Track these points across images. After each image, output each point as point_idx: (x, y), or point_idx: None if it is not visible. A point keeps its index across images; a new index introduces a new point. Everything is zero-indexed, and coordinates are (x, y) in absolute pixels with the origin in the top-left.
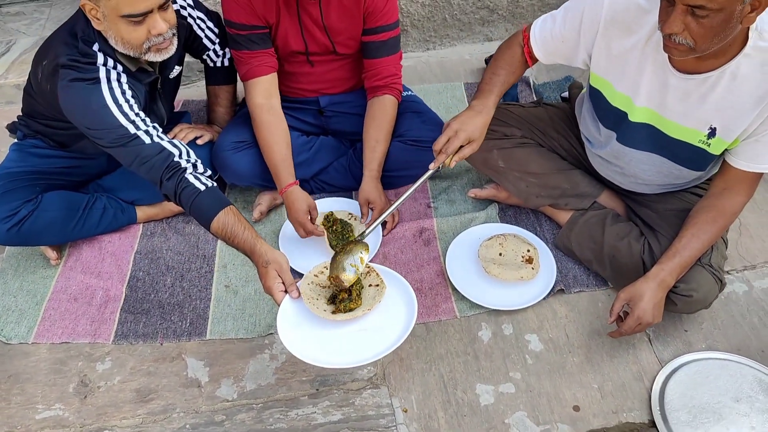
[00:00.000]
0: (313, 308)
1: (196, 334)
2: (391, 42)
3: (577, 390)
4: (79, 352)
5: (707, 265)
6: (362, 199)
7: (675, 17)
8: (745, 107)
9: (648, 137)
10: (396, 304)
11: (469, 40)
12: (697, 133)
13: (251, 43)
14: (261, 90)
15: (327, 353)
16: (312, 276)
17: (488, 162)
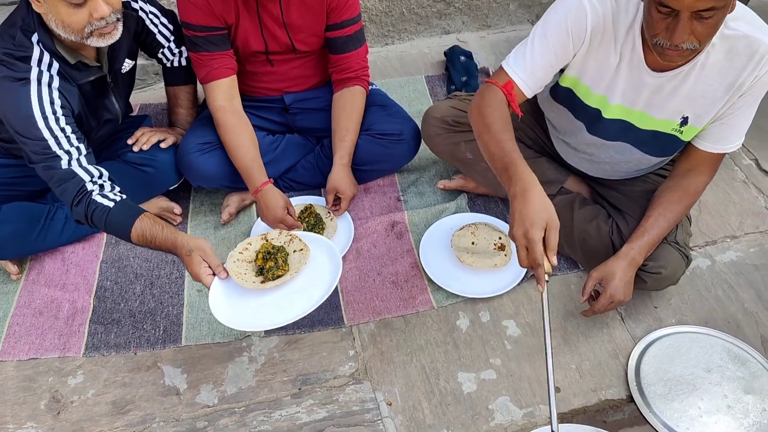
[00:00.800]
0: (243, 282)
1: (171, 341)
2: (357, 35)
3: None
4: (49, 368)
5: (673, 243)
6: (330, 187)
7: (683, 27)
8: (715, 95)
9: (620, 130)
10: (322, 264)
11: (426, 33)
12: (670, 123)
13: (210, 44)
14: (221, 93)
15: (261, 318)
16: (237, 254)
17: (456, 155)
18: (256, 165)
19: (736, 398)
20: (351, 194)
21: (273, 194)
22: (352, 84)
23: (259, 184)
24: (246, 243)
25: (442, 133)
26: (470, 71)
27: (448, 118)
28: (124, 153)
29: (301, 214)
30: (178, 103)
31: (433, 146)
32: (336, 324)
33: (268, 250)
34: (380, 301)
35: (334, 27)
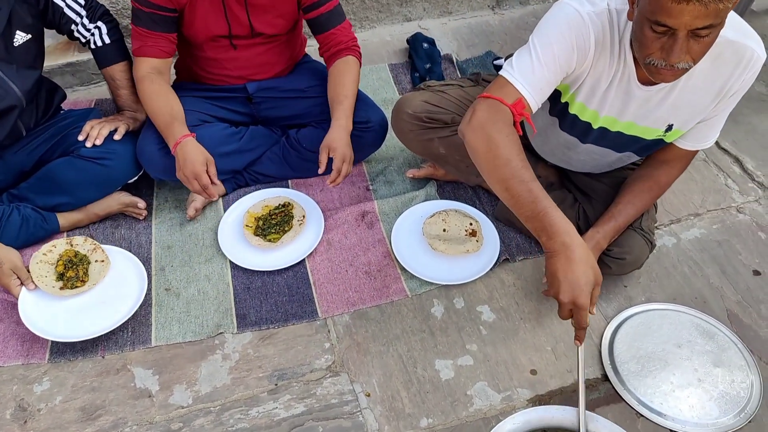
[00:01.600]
0: (41, 285)
1: (140, 343)
2: (337, 9)
3: (533, 354)
4: (12, 376)
5: (639, 229)
6: (323, 144)
7: (680, 46)
8: (703, 102)
9: (606, 137)
10: (130, 279)
11: (388, 21)
12: (656, 131)
13: (152, 23)
14: (147, 66)
15: (69, 328)
16: (41, 255)
17: (429, 150)
18: (176, 120)
19: (706, 371)
20: (343, 153)
21: (194, 146)
22: (344, 55)
23: (180, 136)
24: (51, 245)
25: (414, 130)
26: (434, 58)
27: (422, 115)
28: (78, 148)
29: (275, 208)
30: (118, 85)
31: (404, 141)
32: (310, 317)
33: (71, 258)
34: (354, 292)
35: (312, 6)
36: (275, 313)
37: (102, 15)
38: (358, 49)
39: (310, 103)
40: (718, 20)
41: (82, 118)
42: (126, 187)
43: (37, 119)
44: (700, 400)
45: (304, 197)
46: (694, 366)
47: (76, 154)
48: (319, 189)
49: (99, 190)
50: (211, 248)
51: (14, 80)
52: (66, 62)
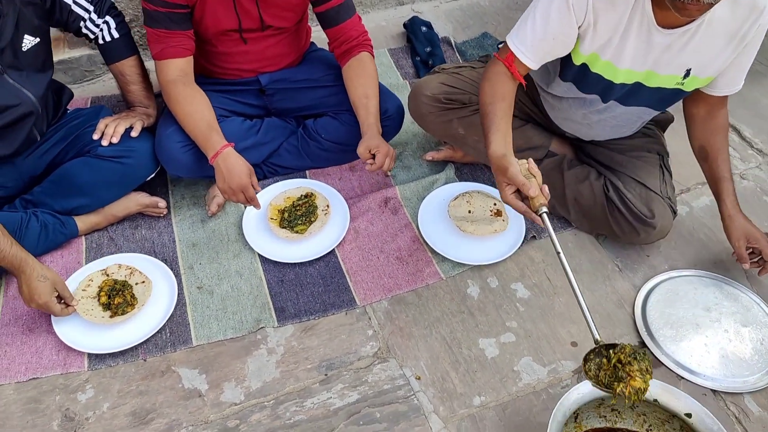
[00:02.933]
0: (92, 319)
1: (181, 343)
2: (348, 3)
3: (571, 327)
4: (53, 386)
5: (666, 198)
6: (362, 147)
7: None
8: (719, 47)
9: (628, 92)
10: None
11: (381, 6)
12: (675, 78)
13: (170, 22)
14: (174, 69)
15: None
16: (80, 291)
17: (448, 131)
18: (213, 129)
19: (735, 331)
20: (386, 151)
21: (236, 158)
22: (357, 52)
23: (219, 146)
24: (87, 279)
25: (434, 112)
26: (433, 41)
27: (440, 96)
28: (94, 148)
29: (298, 200)
30: (128, 80)
31: (424, 124)
32: (349, 306)
33: (113, 287)
34: (388, 278)
35: (321, 0)
36: (313, 304)
37: (109, 9)
38: (369, 43)
39: (324, 93)
40: None
41: (92, 116)
42: (140, 186)
43: (48, 122)
44: (734, 359)
45: (325, 187)
46: (724, 327)
47: (92, 154)
48: (338, 178)
49: (118, 190)
50: (237, 243)
51: (27, 86)
52: (56, 60)
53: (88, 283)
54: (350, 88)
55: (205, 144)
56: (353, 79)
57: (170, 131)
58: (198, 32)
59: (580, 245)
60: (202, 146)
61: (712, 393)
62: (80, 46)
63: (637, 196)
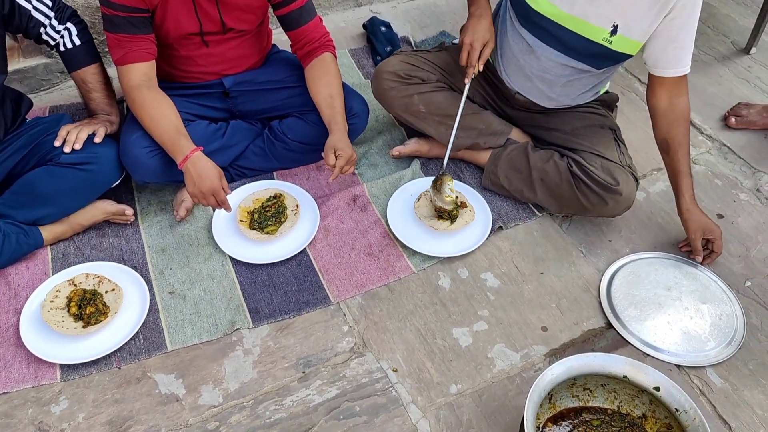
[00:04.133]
0: (64, 330)
1: (156, 349)
2: (308, 5)
3: (540, 313)
4: (25, 399)
5: (627, 167)
6: (328, 146)
7: None
8: (643, 8)
9: (556, 33)
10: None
11: (340, 7)
12: (602, 31)
13: (130, 26)
14: (138, 74)
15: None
16: (48, 303)
17: (410, 108)
18: (181, 134)
19: (695, 308)
20: (349, 153)
21: (206, 161)
22: (319, 53)
23: (188, 151)
24: (55, 291)
25: (396, 86)
26: (393, 41)
27: (401, 72)
28: (56, 156)
29: (267, 201)
30: (90, 88)
31: (386, 100)
32: (323, 303)
33: (83, 296)
34: (361, 275)
35: (283, 3)
36: (287, 304)
37: (71, 16)
38: (332, 44)
39: (288, 94)
40: None
41: (53, 124)
42: (106, 194)
43: (6, 130)
44: (696, 335)
45: (293, 187)
46: (684, 305)
47: (54, 162)
48: (305, 178)
49: (83, 198)
50: (207, 247)
51: None
52: (11, 69)
53: (55, 294)
54: (314, 88)
55: (173, 149)
56: (317, 79)
57: (135, 137)
58: (159, 36)
59: (545, 234)
60: (170, 151)
61: (676, 368)
62: (36, 54)
63: (599, 168)
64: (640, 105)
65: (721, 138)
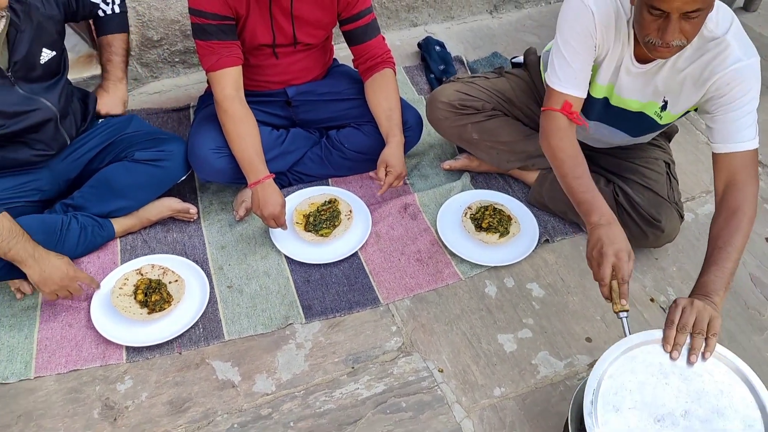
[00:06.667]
0: (131, 315)
1: (214, 338)
2: (373, 23)
3: (585, 324)
4: (93, 377)
5: (673, 203)
6: (381, 160)
7: (674, 27)
8: (686, 84)
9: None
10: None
11: (396, 27)
12: (654, 105)
13: (221, 33)
14: (231, 81)
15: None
16: (117, 290)
17: (463, 135)
18: (260, 156)
19: None
20: (400, 170)
21: (274, 189)
22: (381, 68)
23: (262, 176)
24: (123, 279)
25: (450, 117)
26: (446, 60)
27: (455, 102)
28: (131, 153)
29: (322, 205)
30: (113, 51)
31: (440, 129)
32: (373, 304)
33: (149, 285)
34: (410, 279)
35: (350, 19)
36: (339, 302)
37: None
38: (392, 61)
39: (347, 105)
40: (705, 5)
41: (125, 125)
42: (171, 192)
43: (77, 127)
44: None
45: (347, 193)
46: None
47: (129, 158)
48: (358, 185)
49: (153, 191)
50: (264, 246)
51: (41, 94)
52: (90, 75)
53: (124, 281)
54: (374, 100)
55: (249, 168)
56: (377, 92)
57: (204, 137)
58: None
59: None
60: (245, 169)
61: None
62: None
63: (645, 201)
64: (689, 128)
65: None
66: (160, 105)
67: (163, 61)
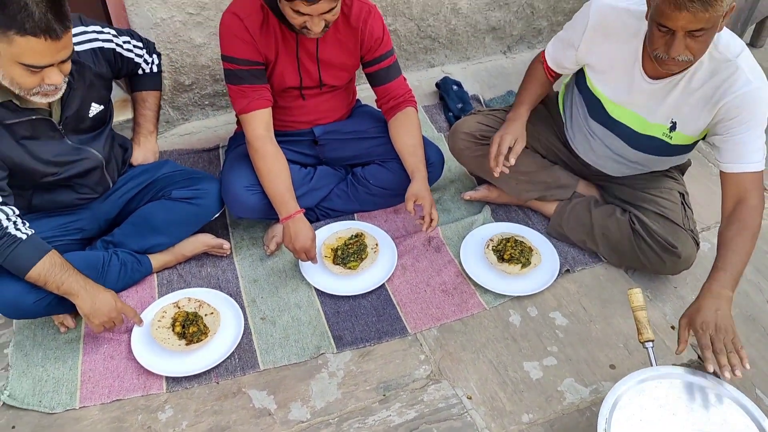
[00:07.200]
0: (169, 346)
1: (250, 367)
2: (395, 65)
3: (608, 351)
4: (135, 406)
5: (689, 230)
6: (410, 194)
7: (678, 43)
8: (697, 105)
9: (617, 124)
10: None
11: (414, 68)
12: (662, 127)
13: (252, 77)
14: (262, 122)
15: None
16: (156, 322)
17: (483, 166)
18: (291, 192)
19: None
20: (430, 201)
21: (305, 223)
22: (403, 107)
23: (294, 211)
24: (161, 312)
25: (470, 146)
26: (464, 99)
27: (476, 133)
28: (169, 191)
29: (349, 239)
30: (146, 106)
31: (462, 158)
32: (401, 333)
33: (186, 317)
34: (436, 309)
35: (373, 62)
36: (368, 332)
37: (154, 49)
38: (414, 100)
39: (371, 144)
40: (709, 25)
41: (160, 167)
42: (204, 228)
43: (118, 171)
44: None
45: (373, 227)
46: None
47: (167, 197)
48: (383, 219)
49: (189, 228)
50: (294, 279)
51: (89, 144)
52: (125, 119)
53: (162, 314)
54: (398, 137)
55: (280, 204)
56: (401, 129)
57: (237, 176)
58: None
59: (611, 278)
60: (277, 205)
61: None
62: None
63: (661, 228)
64: (702, 161)
65: None
66: (191, 146)
67: (194, 104)
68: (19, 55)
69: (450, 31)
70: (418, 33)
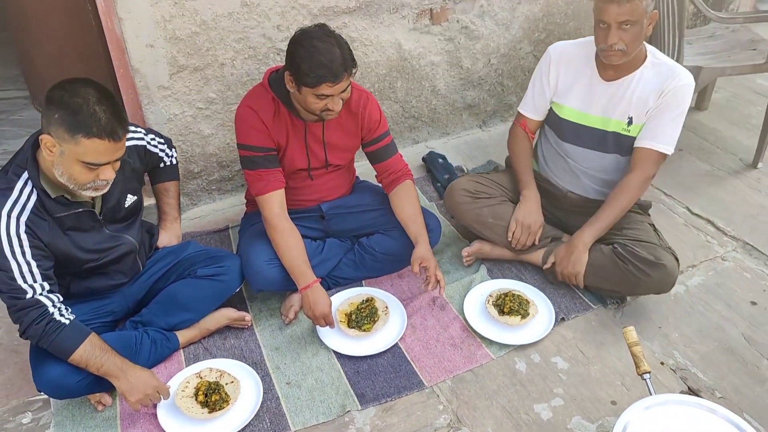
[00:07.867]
0: (193, 414)
1: (282, 429)
2: (392, 144)
3: (608, 389)
4: None
5: (667, 249)
6: (416, 257)
7: (613, 33)
8: (649, 98)
9: (585, 136)
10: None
11: (401, 145)
12: (621, 123)
13: (267, 162)
14: (277, 202)
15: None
16: (180, 392)
17: (479, 219)
18: (307, 265)
19: None
20: (435, 262)
21: (322, 292)
22: (402, 180)
23: (311, 281)
24: (185, 383)
25: (467, 201)
26: (450, 170)
27: (471, 189)
28: (194, 270)
29: (360, 304)
30: (170, 195)
31: (459, 213)
32: (418, 387)
33: (209, 386)
34: (448, 362)
35: (372, 142)
36: (388, 388)
37: (171, 143)
38: (411, 174)
39: (374, 215)
40: (634, 18)
41: (183, 248)
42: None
43: (146, 255)
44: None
45: (381, 292)
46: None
47: (192, 275)
48: (389, 284)
49: (213, 303)
50: (314, 344)
51: (124, 232)
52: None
53: (185, 385)
54: (400, 208)
55: (298, 275)
56: (402, 200)
57: (257, 251)
58: None
59: (602, 323)
60: (295, 276)
61: None
62: None
63: (642, 248)
64: (668, 213)
65: (744, 238)
66: (201, 228)
67: (202, 190)
68: (83, 154)
69: (431, 110)
70: (402, 113)
